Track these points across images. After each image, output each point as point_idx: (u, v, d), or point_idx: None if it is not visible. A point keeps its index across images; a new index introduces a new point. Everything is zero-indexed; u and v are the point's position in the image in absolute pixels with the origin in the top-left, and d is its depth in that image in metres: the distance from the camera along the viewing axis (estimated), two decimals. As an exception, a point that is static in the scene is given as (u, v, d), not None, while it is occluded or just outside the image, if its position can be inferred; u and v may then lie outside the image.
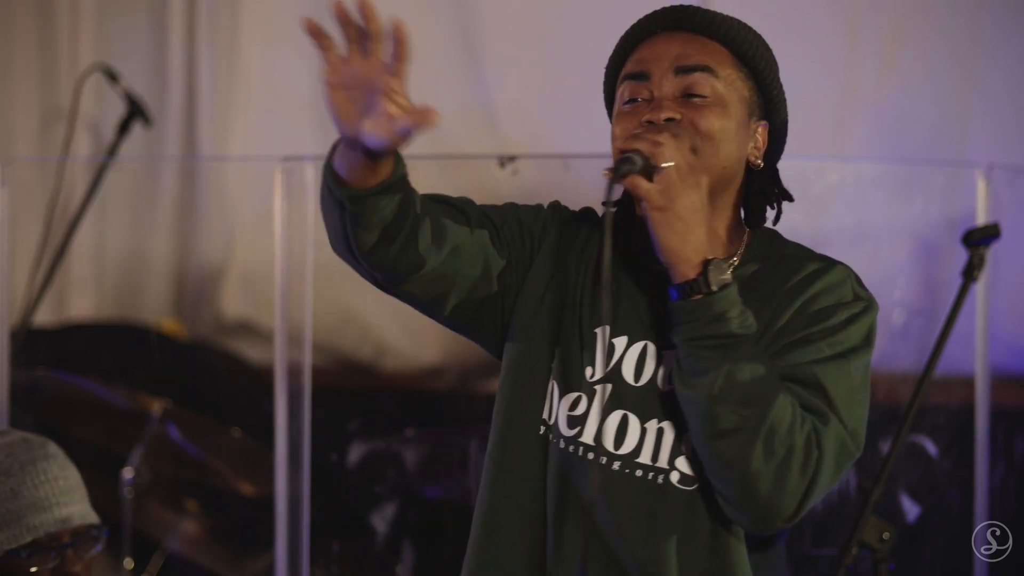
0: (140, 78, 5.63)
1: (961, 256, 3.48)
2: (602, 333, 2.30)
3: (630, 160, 2.19)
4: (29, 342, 4.89)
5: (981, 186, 4.27)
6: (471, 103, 5.32)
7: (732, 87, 2.32)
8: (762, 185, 2.37)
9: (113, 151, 5.20)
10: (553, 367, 2.34)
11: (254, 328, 5.53)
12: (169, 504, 4.85)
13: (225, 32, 5.72)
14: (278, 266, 4.35)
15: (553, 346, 2.34)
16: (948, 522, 4.41)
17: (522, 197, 2.42)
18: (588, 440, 2.29)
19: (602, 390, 2.30)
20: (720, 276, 2.19)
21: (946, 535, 4.40)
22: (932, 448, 4.39)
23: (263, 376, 4.45)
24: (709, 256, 2.19)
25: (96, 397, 4.77)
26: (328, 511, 4.41)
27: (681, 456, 2.26)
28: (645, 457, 2.27)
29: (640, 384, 2.29)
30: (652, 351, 2.29)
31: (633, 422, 2.28)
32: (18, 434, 2.97)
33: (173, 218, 5.78)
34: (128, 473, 4.59)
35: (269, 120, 5.66)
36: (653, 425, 2.27)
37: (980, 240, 3.44)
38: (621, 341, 2.30)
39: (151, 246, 5.80)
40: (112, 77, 5.19)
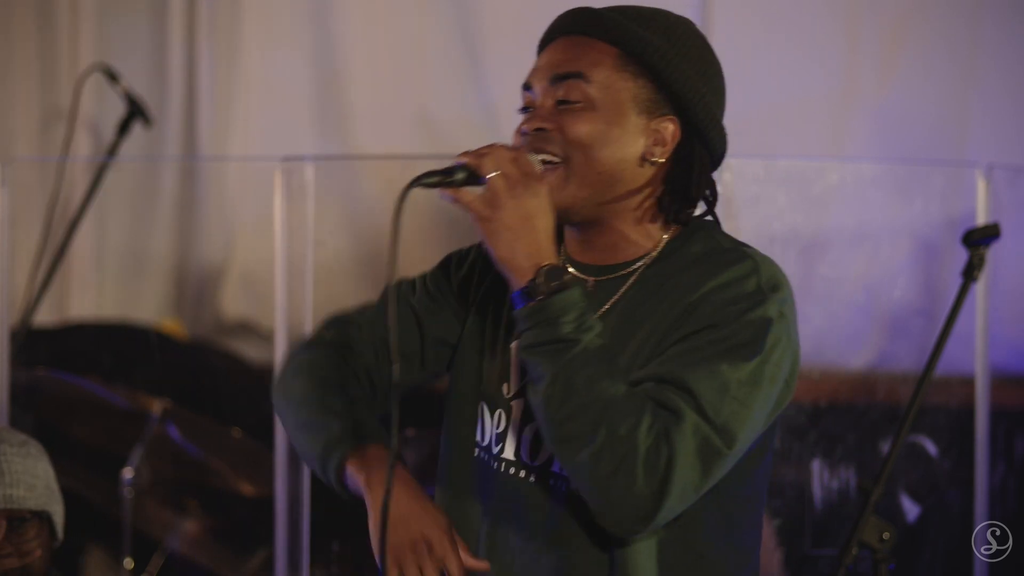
0: (140, 78, 5.63)
1: (961, 256, 3.48)
2: (515, 349, 2.33)
3: (450, 173, 2.23)
4: (29, 342, 4.88)
5: (981, 186, 4.27)
6: (471, 103, 5.32)
7: (609, 89, 2.30)
8: (675, 182, 2.34)
9: (113, 151, 5.20)
10: (481, 389, 2.41)
11: (254, 328, 5.53)
12: (169, 504, 4.85)
13: (225, 32, 5.72)
14: (278, 266, 4.35)
15: (479, 369, 2.41)
16: (948, 522, 4.41)
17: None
18: (509, 456, 2.34)
19: (517, 405, 2.34)
20: (553, 282, 2.19)
21: (946, 535, 4.40)
22: (932, 448, 4.39)
23: (263, 376, 4.45)
24: (547, 262, 2.20)
25: (96, 397, 4.77)
26: (328, 511, 4.41)
27: None
28: (558, 466, 2.30)
29: None
30: None
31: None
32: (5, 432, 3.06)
33: (173, 218, 5.78)
34: (128, 473, 4.59)
35: (269, 120, 5.66)
36: None
37: (980, 240, 3.43)
38: None
39: (151, 246, 5.80)
40: (112, 77, 5.19)
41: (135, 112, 5.18)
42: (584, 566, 2.27)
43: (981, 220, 4.22)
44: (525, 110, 2.37)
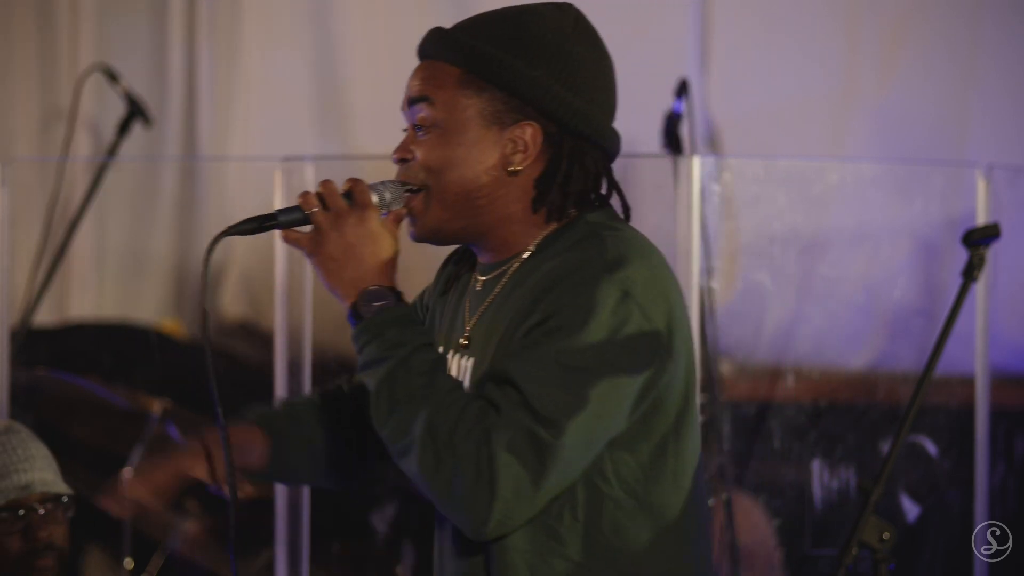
0: (140, 78, 5.63)
1: (961, 256, 3.48)
2: (453, 358, 2.37)
3: (271, 218, 2.33)
4: (29, 342, 4.88)
5: (981, 186, 4.27)
6: (471, 103, 5.32)
7: (453, 109, 2.32)
8: (546, 183, 2.33)
9: (113, 151, 5.20)
10: None
11: (254, 328, 5.53)
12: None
13: (225, 32, 5.72)
14: (278, 266, 4.35)
15: None
16: (948, 522, 4.41)
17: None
18: None
19: None
20: (375, 303, 2.25)
21: (946, 535, 4.40)
22: (932, 448, 4.39)
23: (263, 376, 4.45)
24: (369, 285, 2.27)
25: (96, 397, 4.76)
26: (328, 511, 4.41)
27: None
28: None
29: None
30: (468, 365, 2.34)
31: None
32: None
33: (173, 218, 5.78)
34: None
35: (269, 120, 5.66)
36: None
37: (980, 240, 3.44)
38: (455, 359, 2.37)
39: (151, 246, 5.81)
40: (112, 77, 5.19)
41: (135, 112, 5.18)
42: (468, 561, 2.29)
43: (981, 220, 4.22)
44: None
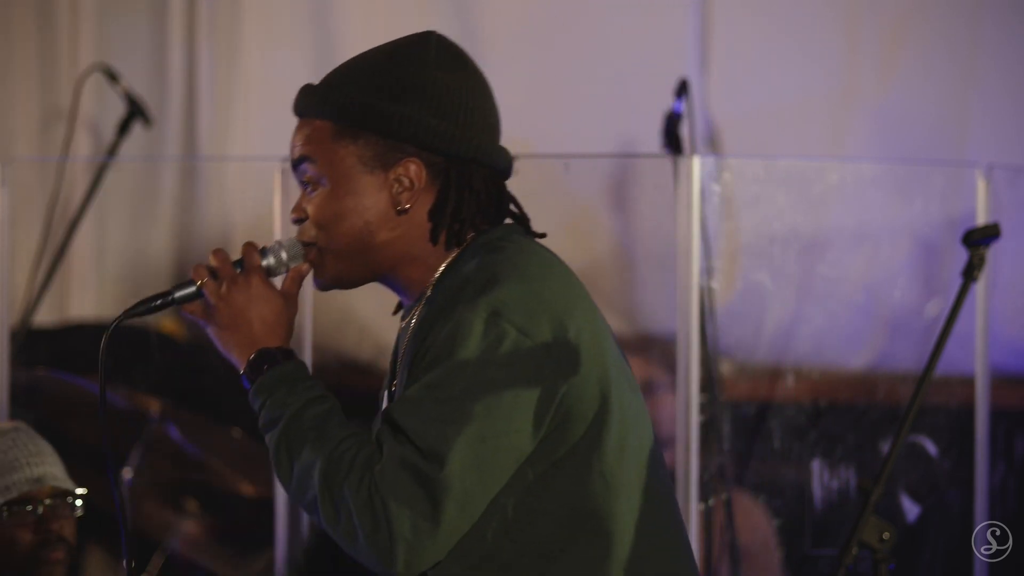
0: (140, 78, 5.63)
1: (961, 256, 3.48)
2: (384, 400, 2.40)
3: (167, 295, 2.40)
4: (29, 342, 4.89)
5: (981, 186, 4.27)
6: (471, 103, 5.31)
7: (333, 162, 2.33)
8: (439, 214, 2.33)
9: (113, 151, 5.20)
10: None
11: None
12: (169, 504, 4.85)
13: (225, 32, 5.72)
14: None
15: None
16: (948, 522, 4.41)
17: (522, 197, 2.42)
18: None
19: None
20: (263, 365, 2.31)
21: (946, 535, 4.40)
22: (932, 448, 4.39)
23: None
24: (257, 348, 2.33)
25: (96, 397, 4.75)
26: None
27: None
28: None
29: None
30: None
31: None
32: None
33: (173, 218, 5.78)
34: (128, 473, 4.59)
35: (269, 120, 5.65)
36: None
37: (980, 240, 3.44)
38: (388, 403, 2.38)
39: (151, 246, 5.81)
40: (112, 77, 5.19)
41: (135, 112, 5.18)
42: None
43: (981, 220, 4.22)
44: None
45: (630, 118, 5.20)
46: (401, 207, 2.33)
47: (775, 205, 4.33)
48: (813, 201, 4.44)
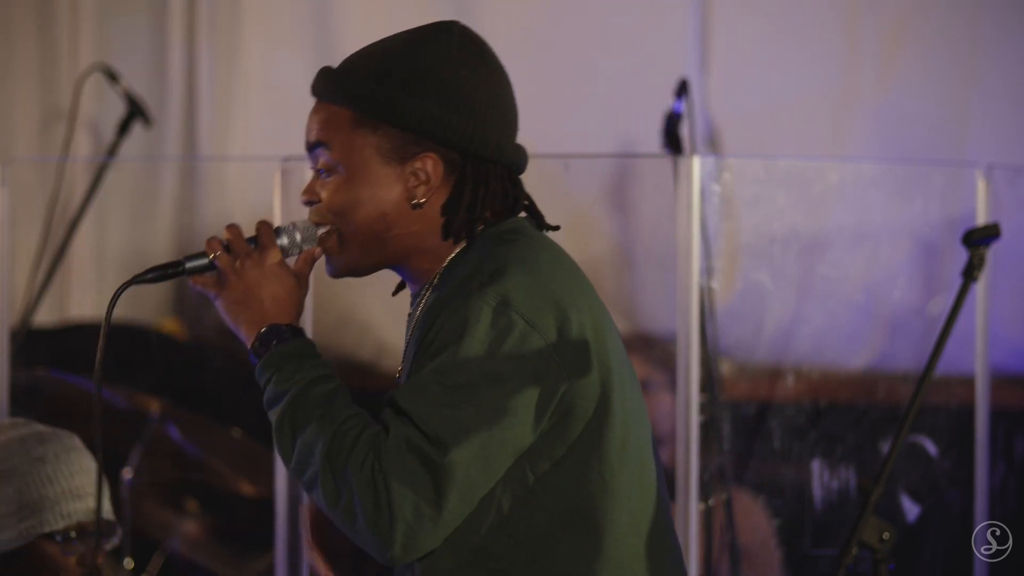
0: (140, 78, 5.63)
1: (961, 256, 3.48)
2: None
3: (176, 265, 2.38)
4: (29, 342, 4.89)
5: (981, 186, 4.27)
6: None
7: (350, 150, 2.34)
8: (453, 209, 2.34)
9: (113, 151, 5.20)
10: None
11: (254, 328, 5.53)
12: (169, 504, 4.85)
13: (225, 32, 5.72)
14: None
15: None
16: (948, 522, 4.41)
17: (522, 197, 2.43)
18: None
19: None
20: (271, 341, 2.31)
21: (946, 535, 4.40)
22: (932, 448, 4.39)
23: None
24: (266, 325, 2.33)
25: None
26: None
27: None
28: None
29: None
30: None
31: None
32: (42, 426, 3.01)
33: (173, 218, 5.78)
34: (128, 473, 4.59)
35: (269, 120, 5.66)
36: None
37: (980, 240, 3.44)
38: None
39: (151, 246, 5.81)
40: (112, 77, 5.19)
41: (135, 112, 5.18)
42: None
43: (981, 220, 4.22)
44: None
45: (630, 118, 5.20)
46: (417, 201, 2.33)
47: (775, 205, 4.32)
48: (813, 201, 4.43)
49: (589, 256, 4.78)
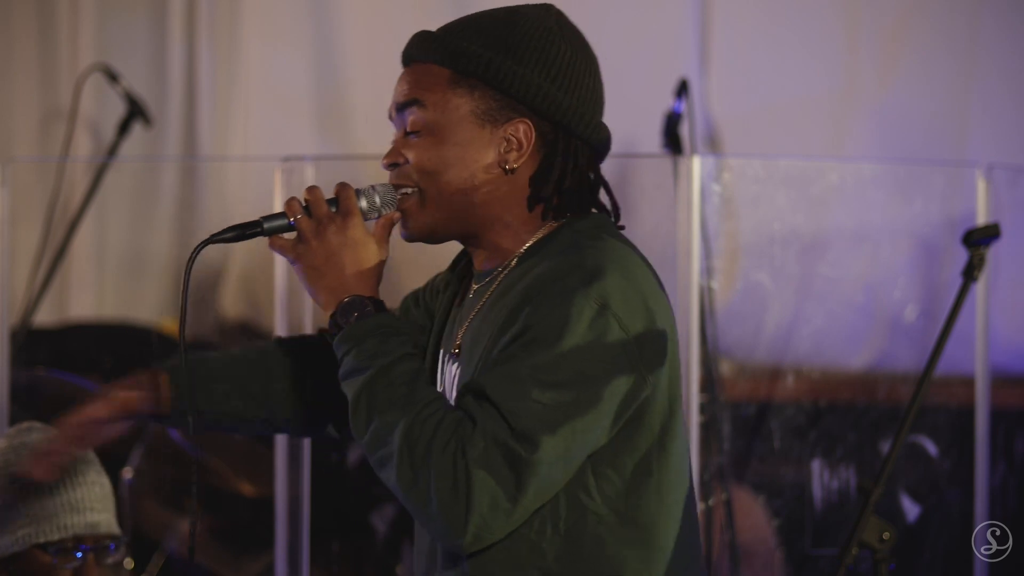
0: (140, 78, 5.63)
1: (961, 256, 3.48)
2: (439, 356, 2.40)
3: (253, 225, 2.34)
4: (29, 342, 4.89)
5: (981, 186, 4.27)
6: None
7: (445, 110, 2.33)
8: (541, 181, 2.34)
9: (113, 151, 5.20)
10: None
11: (254, 328, 5.54)
12: (169, 504, 4.85)
13: (225, 32, 5.72)
14: (278, 266, 4.36)
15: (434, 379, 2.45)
16: (948, 522, 4.41)
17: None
18: None
19: None
20: (353, 313, 2.27)
21: (946, 535, 4.40)
22: (932, 448, 4.39)
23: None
24: (348, 295, 2.29)
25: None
26: (328, 511, 4.41)
27: None
28: None
29: None
30: (457, 372, 2.36)
31: None
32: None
33: (173, 218, 5.78)
34: (128, 473, 4.59)
35: (269, 120, 5.66)
36: None
37: (980, 240, 3.44)
38: (448, 366, 2.39)
39: (151, 246, 5.81)
40: (112, 77, 5.20)
41: (135, 112, 5.19)
42: (445, 572, 2.30)
43: (981, 220, 4.22)
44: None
45: (630, 118, 5.20)
46: (510, 166, 2.33)
47: (775, 205, 4.32)
48: (813, 201, 4.43)
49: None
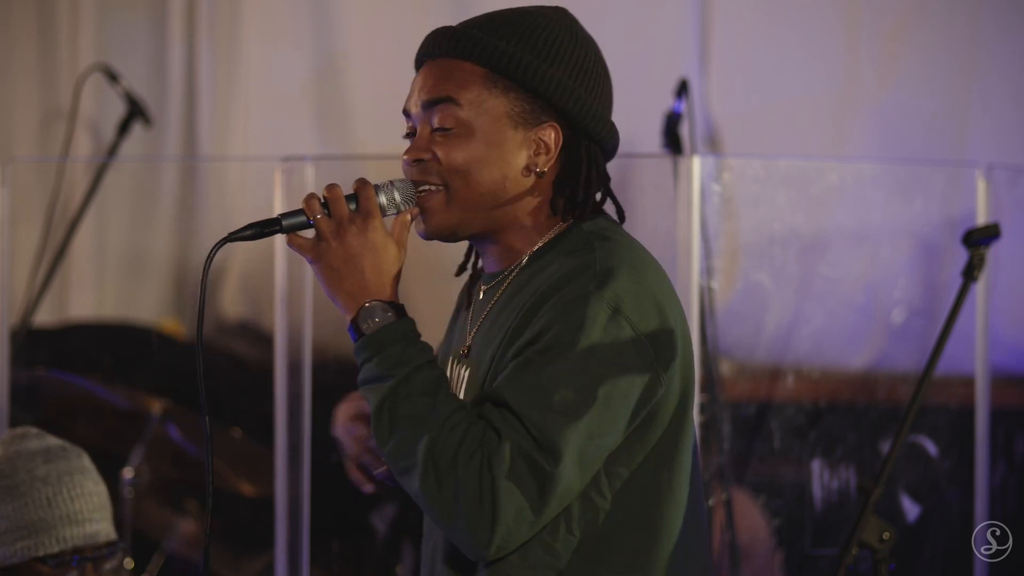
0: (140, 78, 5.63)
1: (961, 256, 3.48)
2: (454, 367, 2.40)
3: (272, 223, 2.33)
4: (29, 342, 4.89)
5: (981, 186, 4.27)
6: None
7: (480, 109, 2.31)
8: (564, 184, 2.34)
9: (113, 151, 5.20)
10: None
11: (254, 328, 5.53)
12: (169, 504, 4.85)
13: (225, 32, 5.72)
14: (278, 266, 4.35)
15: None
16: (948, 522, 4.41)
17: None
18: None
19: None
20: (374, 318, 2.25)
21: (946, 535, 4.40)
22: (932, 448, 4.39)
23: (263, 376, 4.46)
24: (369, 300, 2.26)
25: (96, 397, 4.76)
26: (328, 511, 4.41)
27: None
28: None
29: None
30: (465, 375, 2.36)
31: None
32: (53, 439, 2.98)
33: (173, 218, 5.78)
34: (128, 473, 4.59)
35: (269, 120, 5.66)
36: None
37: (980, 240, 3.44)
38: (456, 368, 2.39)
39: (151, 246, 5.81)
40: (112, 77, 5.20)
41: (135, 112, 5.18)
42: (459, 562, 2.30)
43: (981, 220, 4.22)
44: (409, 136, 2.38)
45: (630, 118, 5.19)
46: (539, 169, 2.32)
47: (775, 205, 4.32)
48: (813, 201, 4.43)
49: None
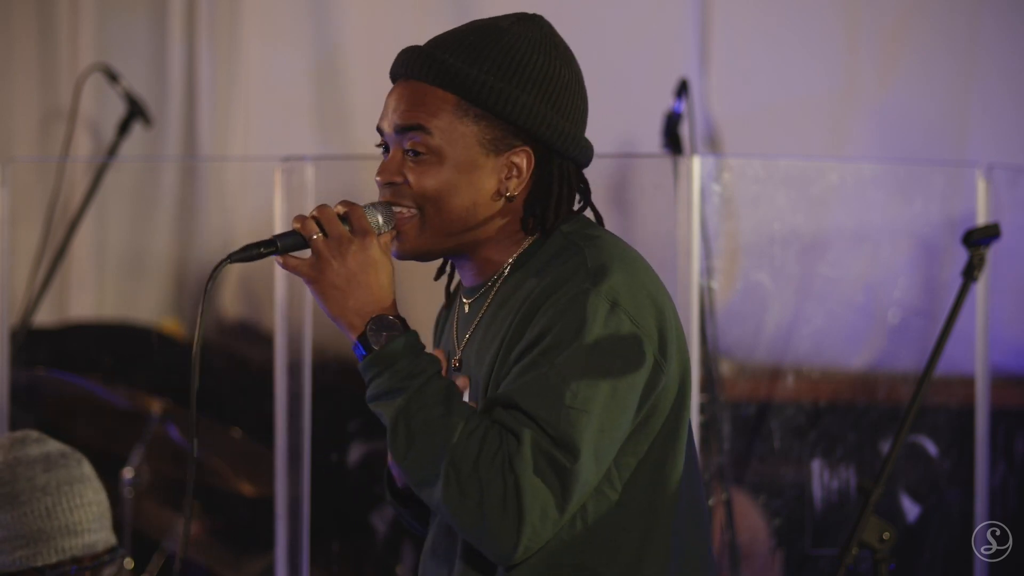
0: (140, 78, 5.63)
1: (961, 256, 3.49)
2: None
3: (270, 244, 2.32)
4: (29, 342, 4.89)
5: (981, 186, 4.27)
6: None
7: (451, 137, 2.32)
8: (535, 204, 2.34)
9: (113, 151, 5.20)
10: None
11: (254, 328, 5.53)
12: (169, 504, 4.85)
13: (225, 32, 5.72)
14: (278, 267, 4.35)
15: None
16: (948, 522, 4.41)
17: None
18: None
19: None
20: (383, 332, 2.26)
21: (946, 535, 4.40)
22: (932, 448, 4.39)
23: (263, 376, 4.46)
24: (375, 314, 2.27)
25: (96, 397, 4.76)
26: (328, 511, 4.41)
27: None
28: None
29: None
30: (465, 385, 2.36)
31: None
32: (54, 445, 2.96)
33: (173, 218, 5.78)
34: (128, 473, 4.59)
35: (269, 120, 5.66)
36: None
37: (980, 240, 3.44)
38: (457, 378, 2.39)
39: (151, 246, 5.81)
40: (112, 77, 5.20)
41: (135, 112, 5.18)
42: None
43: (981, 220, 4.22)
44: (383, 150, 2.39)
45: (630, 118, 5.20)
46: (510, 193, 2.34)
47: (775, 205, 4.32)
48: (813, 201, 4.43)
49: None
